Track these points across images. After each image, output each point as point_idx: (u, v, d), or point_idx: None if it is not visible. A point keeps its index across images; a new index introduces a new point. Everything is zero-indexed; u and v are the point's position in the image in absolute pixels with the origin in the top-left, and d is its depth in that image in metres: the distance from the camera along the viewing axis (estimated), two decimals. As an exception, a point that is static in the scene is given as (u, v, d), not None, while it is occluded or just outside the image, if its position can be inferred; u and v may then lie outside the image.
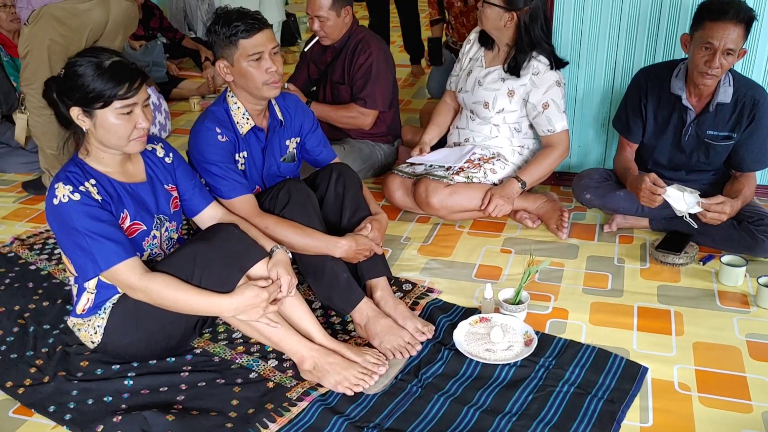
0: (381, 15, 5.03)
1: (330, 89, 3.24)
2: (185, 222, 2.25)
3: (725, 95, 2.41)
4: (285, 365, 2.03)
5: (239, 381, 1.97)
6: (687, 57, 2.43)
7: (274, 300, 1.93)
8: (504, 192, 2.71)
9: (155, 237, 2.02)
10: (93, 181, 1.87)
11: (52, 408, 1.88)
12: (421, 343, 2.09)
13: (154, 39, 5.19)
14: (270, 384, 1.96)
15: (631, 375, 1.93)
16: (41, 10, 2.84)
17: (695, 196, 2.34)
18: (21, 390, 1.96)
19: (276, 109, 2.35)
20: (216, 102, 2.28)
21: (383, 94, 3.16)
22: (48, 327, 2.24)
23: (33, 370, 2.04)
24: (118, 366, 2.02)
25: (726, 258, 2.42)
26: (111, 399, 1.90)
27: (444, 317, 2.23)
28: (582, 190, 2.76)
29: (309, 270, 2.20)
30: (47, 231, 2.91)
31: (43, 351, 2.12)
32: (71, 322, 2.05)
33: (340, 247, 2.16)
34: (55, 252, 2.73)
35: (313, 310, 2.13)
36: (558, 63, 2.75)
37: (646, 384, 1.92)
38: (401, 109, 3.49)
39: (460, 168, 2.78)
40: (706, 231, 2.48)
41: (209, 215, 2.13)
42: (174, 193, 2.08)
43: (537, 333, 2.10)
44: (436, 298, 2.36)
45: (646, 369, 1.97)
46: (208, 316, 2.11)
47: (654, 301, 2.30)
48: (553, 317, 2.23)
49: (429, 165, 2.88)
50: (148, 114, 1.87)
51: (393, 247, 2.70)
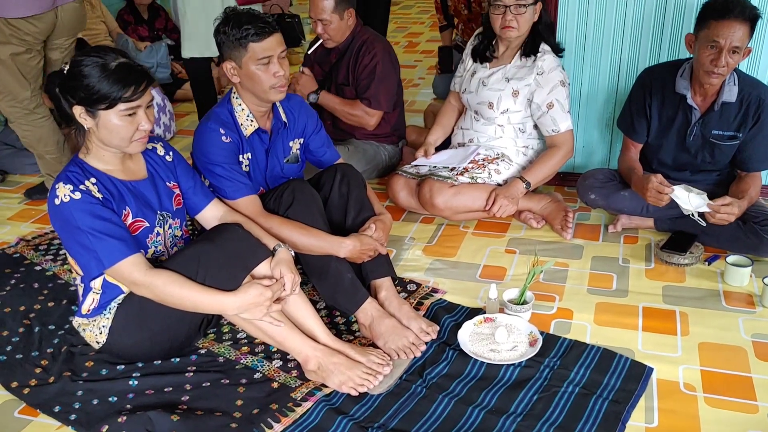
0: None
1: (335, 91, 3.24)
2: (190, 222, 2.25)
3: (730, 94, 2.41)
4: (289, 365, 2.03)
5: (244, 381, 1.97)
6: (691, 57, 2.43)
7: (277, 299, 1.93)
8: (508, 192, 2.71)
9: (159, 234, 2.02)
10: (93, 180, 1.87)
11: (57, 408, 1.89)
12: (426, 344, 2.09)
13: (159, 40, 5.20)
14: (274, 384, 1.96)
15: (637, 375, 1.93)
16: None
17: (702, 197, 2.34)
18: (26, 390, 1.96)
19: (280, 111, 2.35)
20: (220, 103, 2.28)
21: (387, 94, 3.16)
22: (53, 327, 2.25)
23: (38, 370, 2.04)
24: (123, 366, 2.03)
25: (731, 258, 2.41)
26: (116, 399, 1.91)
27: (448, 317, 2.23)
28: (586, 190, 2.75)
29: (313, 270, 2.20)
30: (52, 232, 2.91)
31: (48, 351, 2.13)
32: (76, 322, 2.05)
33: (344, 247, 2.16)
34: (60, 253, 2.74)
35: (318, 310, 2.13)
36: (556, 50, 2.79)
37: (651, 384, 1.91)
38: (405, 110, 3.48)
39: (464, 168, 2.78)
40: (711, 231, 2.47)
41: (211, 214, 2.13)
42: (176, 191, 2.08)
43: (542, 333, 2.10)
44: (440, 298, 2.35)
45: (651, 369, 1.96)
46: (212, 315, 2.12)
47: (659, 302, 2.29)
48: (558, 317, 2.23)
49: (433, 166, 2.88)
50: (150, 116, 1.87)
51: (397, 248, 2.70)
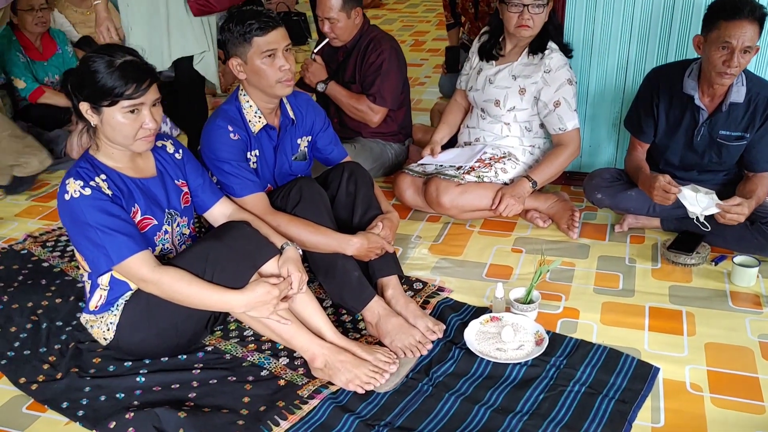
0: None
1: (342, 88, 3.24)
2: (197, 219, 2.26)
3: (738, 95, 2.40)
4: (296, 363, 2.03)
5: (250, 378, 1.97)
6: (699, 57, 2.42)
7: (285, 297, 1.93)
8: (515, 191, 2.71)
9: (167, 232, 2.03)
10: (103, 177, 1.88)
11: (65, 404, 1.90)
12: (432, 342, 2.09)
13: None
14: (281, 382, 1.96)
15: (643, 375, 1.93)
16: None
17: (711, 196, 2.33)
18: (34, 386, 1.97)
19: (288, 108, 2.35)
20: (228, 100, 2.29)
21: (392, 91, 3.15)
22: (60, 324, 2.25)
23: (46, 366, 2.05)
24: (130, 363, 2.03)
25: (738, 258, 2.41)
26: (123, 396, 1.92)
27: (455, 316, 2.23)
28: (593, 189, 2.75)
29: (320, 268, 2.20)
30: (60, 228, 2.92)
31: (56, 348, 2.14)
32: (84, 318, 2.06)
33: (351, 245, 2.16)
34: (68, 249, 2.75)
35: (324, 308, 2.13)
36: (565, 51, 2.79)
37: (657, 384, 1.91)
38: (412, 108, 3.48)
39: (470, 167, 2.78)
40: (718, 231, 2.47)
41: (219, 212, 2.14)
42: (184, 189, 2.09)
43: (548, 332, 2.10)
44: (446, 297, 2.36)
45: (657, 369, 1.96)
46: (219, 313, 2.12)
47: (666, 302, 2.29)
48: (564, 317, 2.23)
49: (440, 164, 2.88)
50: (157, 115, 1.87)
51: (404, 246, 2.70)
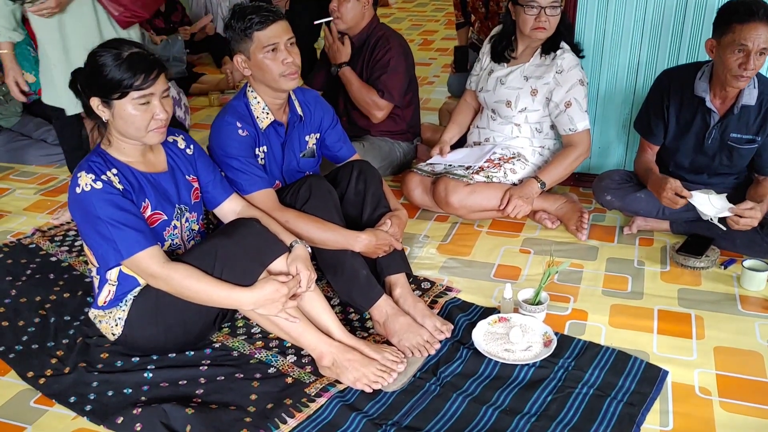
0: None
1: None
2: (206, 216, 2.26)
3: (750, 97, 2.39)
4: (304, 361, 2.03)
5: (258, 376, 1.97)
6: (710, 59, 2.40)
7: (293, 295, 1.93)
8: (523, 192, 2.70)
9: (176, 227, 2.03)
10: (115, 171, 1.88)
11: (72, 399, 1.90)
12: (440, 342, 2.09)
13: (175, 33, 5.21)
14: (289, 379, 1.96)
15: (651, 378, 1.92)
16: None
17: (722, 199, 2.32)
18: (42, 380, 1.98)
19: (296, 104, 2.35)
20: (236, 97, 2.29)
21: (398, 87, 3.14)
22: (68, 318, 2.26)
23: (54, 360, 2.06)
24: (137, 358, 2.04)
25: (748, 262, 2.39)
26: (131, 391, 1.92)
27: (463, 316, 2.22)
28: (602, 191, 2.74)
29: (328, 266, 2.20)
30: (68, 223, 2.93)
31: (64, 342, 2.14)
32: (92, 313, 2.06)
33: (360, 242, 2.16)
34: (76, 244, 2.75)
35: (332, 306, 2.13)
36: (576, 51, 2.78)
37: (666, 387, 1.90)
38: (420, 108, 3.47)
39: (479, 167, 2.77)
40: (727, 235, 2.46)
41: (229, 208, 2.14)
42: (195, 184, 2.09)
43: (556, 334, 2.09)
44: (454, 297, 2.35)
45: (666, 372, 1.95)
46: (227, 310, 2.12)
47: (674, 305, 2.28)
48: (573, 318, 2.22)
49: (448, 164, 2.87)
50: (167, 105, 1.87)
51: (411, 246, 2.70)
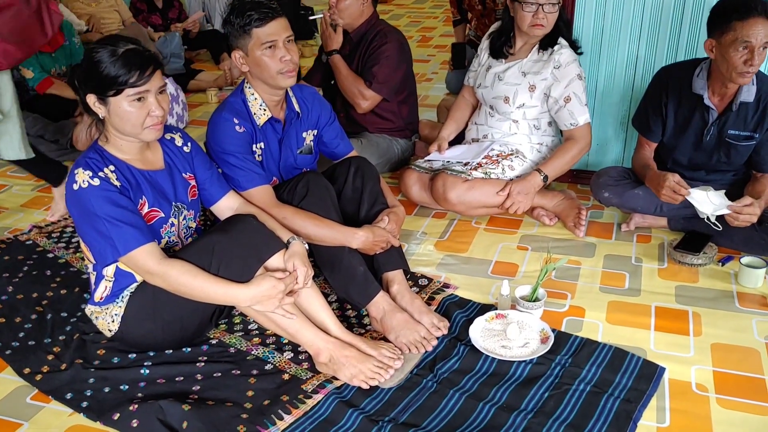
0: None
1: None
2: (203, 213, 2.25)
3: (748, 94, 2.38)
4: (300, 357, 2.03)
5: (255, 372, 1.97)
6: (707, 56, 2.40)
7: (290, 291, 1.93)
8: (525, 185, 2.69)
9: (173, 225, 2.03)
10: (112, 168, 1.88)
11: (69, 395, 1.90)
12: (437, 339, 2.09)
13: (172, 30, 5.20)
14: (285, 376, 1.96)
15: (648, 375, 1.92)
16: None
17: (721, 195, 2.31)
18: (38, 377, 1.97)
19: (293, 101, 2.35)
20: (234, 93, 2.28)
21: (388, 80, 3.11)
22: (65, 315, 2.25)
23: (50, 357, 2.05)
24: (134, 355, 2.03)
25: (745, 259, 2.39)
26: (127, 387, 1.92)
27: (460, 313, 2.22)
28: (600, 188, 2.74)
29: (326, 263, 2.20)
30: (65, 219, 2.92)
31: (61, 338, 2.14)
32: (89, 310, 2.06)
33: (357, 238, 2.16)
34: (73, 240, 2.75)
35: (329, 303, 2.12)
36: (574, 47, 2.77)
37: (663, 384, 1.90)
38: (418, 104, 3.46)
39: (478, 164, 2.77)
40: (725, 232, 2.45)
41: (226, 205, 2.13)
42: (192, 182, 2.09)
43: (553, 330, 2.09)
44: (452, 293, 2.35)
45: (663, 369, 1.95)
46: (224, 306, 2.12)
47: (672, 302, 2.28)
48: (570, 315, 2.22)
49: (446, 161, 2.87)
50: (163, 102, 1.86)
51: (409, 242, 2.70)
